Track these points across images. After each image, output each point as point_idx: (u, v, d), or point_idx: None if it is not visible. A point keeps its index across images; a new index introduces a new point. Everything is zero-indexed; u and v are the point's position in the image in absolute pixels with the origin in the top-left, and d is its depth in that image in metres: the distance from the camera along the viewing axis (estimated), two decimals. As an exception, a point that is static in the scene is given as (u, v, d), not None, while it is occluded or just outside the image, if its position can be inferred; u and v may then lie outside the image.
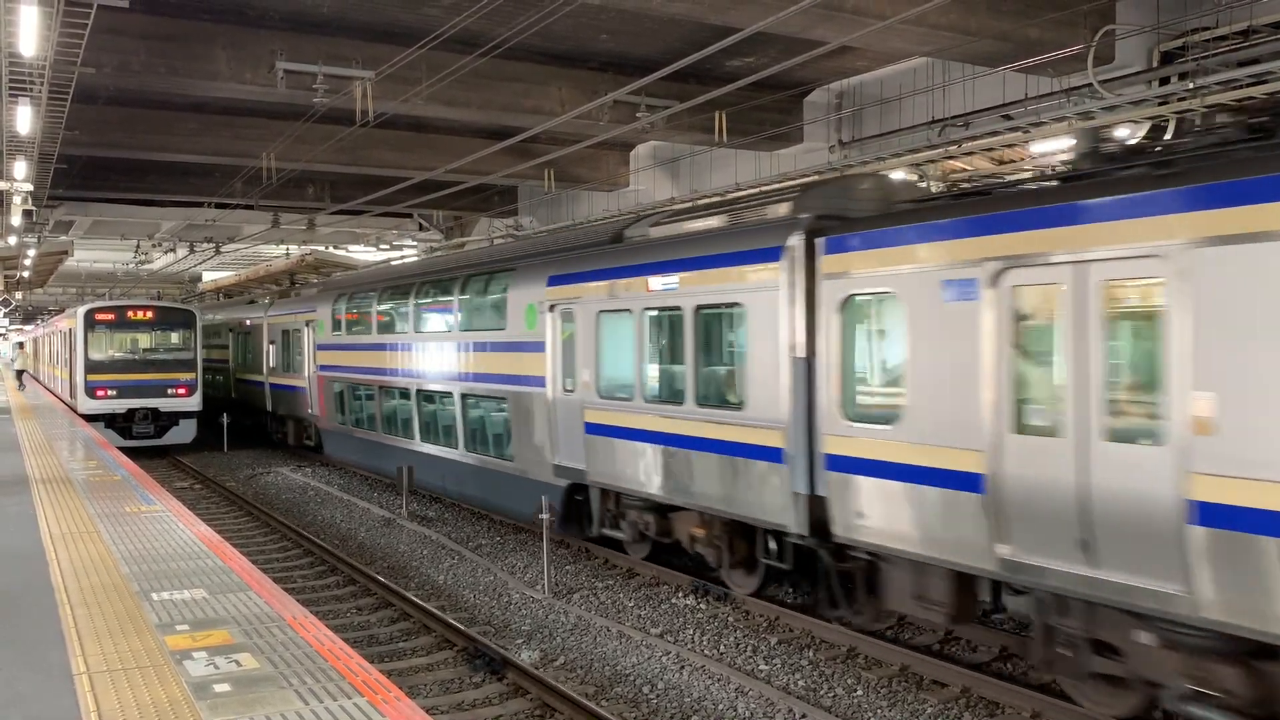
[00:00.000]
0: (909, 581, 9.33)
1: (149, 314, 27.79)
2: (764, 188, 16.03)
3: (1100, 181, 7.83)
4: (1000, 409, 8.13)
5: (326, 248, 36.84)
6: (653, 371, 12.34)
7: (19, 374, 38.21)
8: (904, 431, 8.96)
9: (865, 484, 9.36)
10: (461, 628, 10.76)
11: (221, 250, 34.70)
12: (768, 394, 10.31)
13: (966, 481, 8.37)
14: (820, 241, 9.86)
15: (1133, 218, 7.25)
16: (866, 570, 9.99)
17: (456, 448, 17.09)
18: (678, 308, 11.68)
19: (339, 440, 23.15)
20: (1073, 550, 7.60)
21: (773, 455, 10.26)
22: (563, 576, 13.42)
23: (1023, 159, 14.82)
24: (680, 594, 12.36)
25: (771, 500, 10.32)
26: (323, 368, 23.59)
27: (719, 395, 11.36)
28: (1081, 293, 7.57)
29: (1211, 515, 6.76)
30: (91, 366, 26.80)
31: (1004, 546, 8.12)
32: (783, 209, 10.79)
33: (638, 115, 16.99)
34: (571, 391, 13.60)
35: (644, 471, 12.21)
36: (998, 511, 8.11)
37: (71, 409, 26.93)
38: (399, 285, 19.62)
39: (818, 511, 9.94)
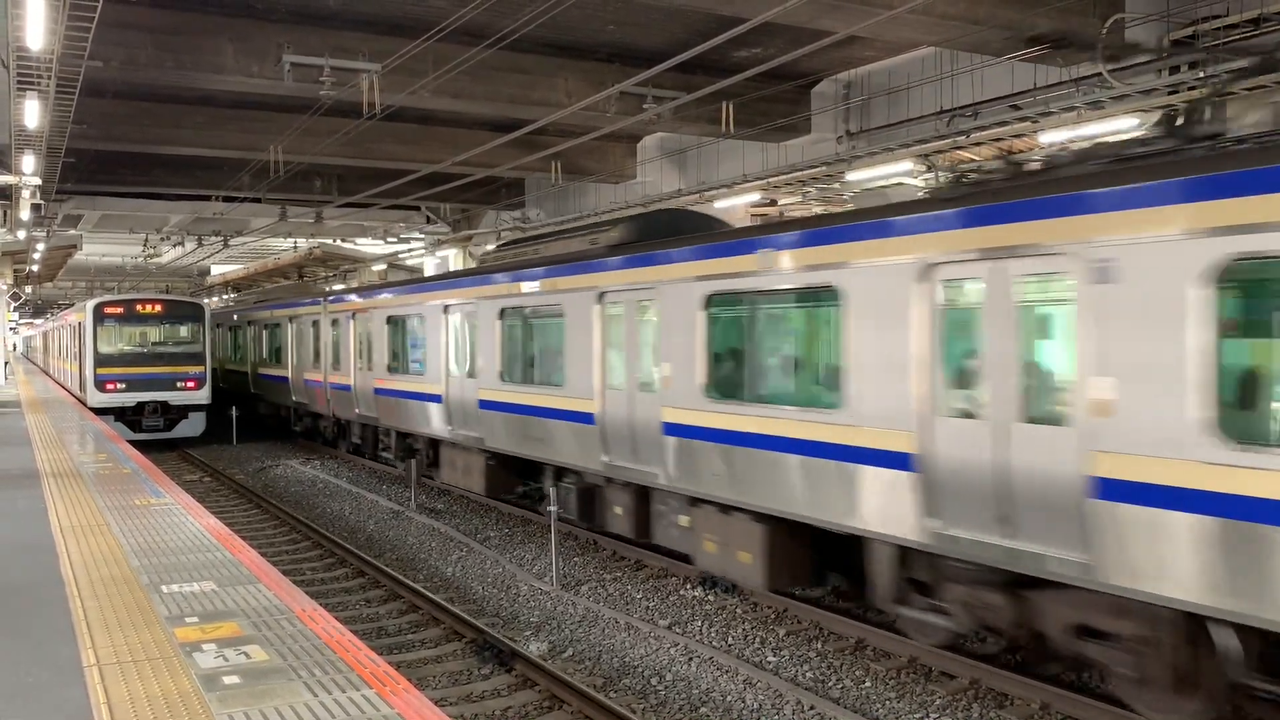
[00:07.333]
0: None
1: (158, 307, 27.85)
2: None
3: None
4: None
5: (334, 241, 36.89)
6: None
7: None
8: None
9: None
10: (470, 619, 10.79)
11: (229, 244, 34.74)
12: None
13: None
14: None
15: None
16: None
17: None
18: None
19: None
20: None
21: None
22: (571, 569, 13.45)
23: (1031, 149, 14.76)
24: (688, 585, 12.37)
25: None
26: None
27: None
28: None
29: None
30: (101, 360, 26.85)
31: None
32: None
33: (645, 107, 16.94)
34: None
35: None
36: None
37: (81, 402, 27.00)
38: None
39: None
